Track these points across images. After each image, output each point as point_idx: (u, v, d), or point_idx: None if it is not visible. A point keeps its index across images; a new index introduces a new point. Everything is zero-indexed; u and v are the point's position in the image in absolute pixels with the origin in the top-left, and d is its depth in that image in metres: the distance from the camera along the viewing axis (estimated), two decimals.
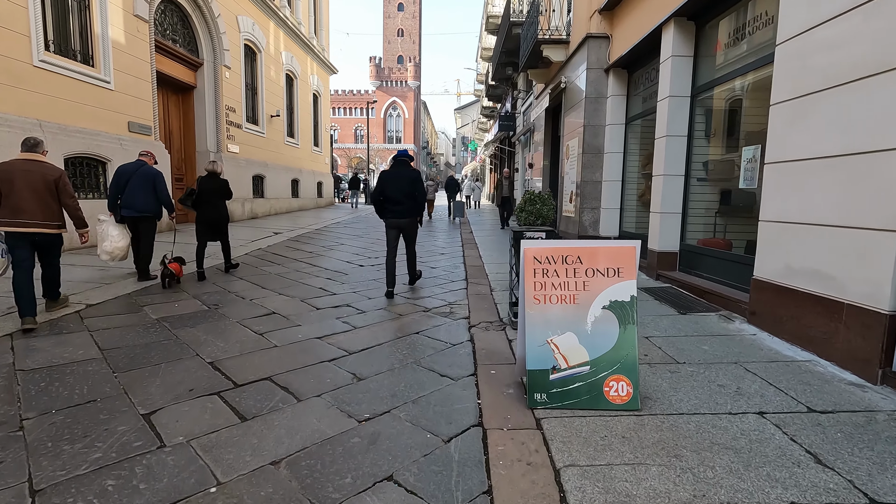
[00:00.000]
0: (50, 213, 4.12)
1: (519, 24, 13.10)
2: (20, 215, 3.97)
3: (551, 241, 2.78)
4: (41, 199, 4.05)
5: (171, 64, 10.91)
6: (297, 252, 8.58)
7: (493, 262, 7.47)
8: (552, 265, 2.69)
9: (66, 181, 4.24)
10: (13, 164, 4.05)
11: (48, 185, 4.10)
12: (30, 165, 4.08)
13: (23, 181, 3.99)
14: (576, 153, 8.75)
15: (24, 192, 3.97)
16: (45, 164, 4.21)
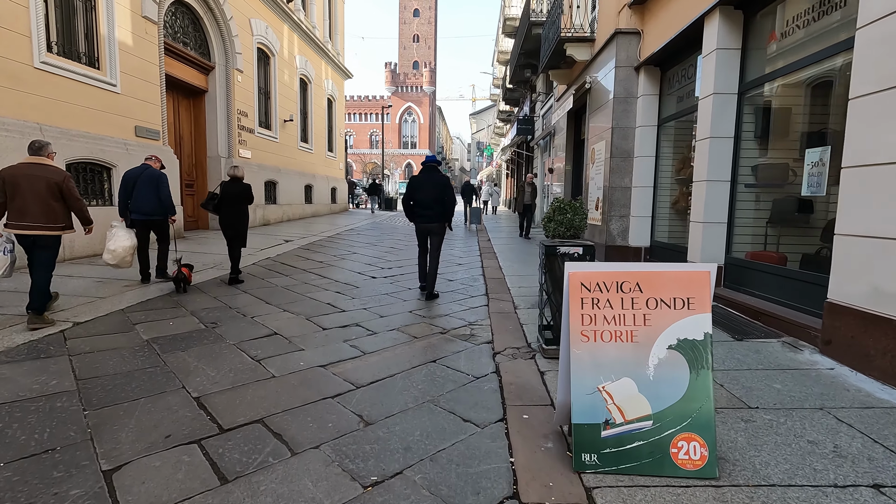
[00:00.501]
0: (53, 216, 4.20)
1: (539, 23, 12.61)
2: (24, 217, 4.09)
3: (603, 265, 2.26)
4: (44, 203, 4.13)
5: (181, 67, 10.64)
6: (307, 262, 8.15)
7: (515, 275, 6.94)
8: (604, 293, 2.16)
9: (70, 184, 4.28)
10: (18, 168, 4.14)
11: (51, 188, 4.16)
12: (34, 169, 4.15)
13: (27, 184, 4.08)
14: (602, 157, 8.19)
15: (27, 195, 4.07)
16: (50, 167, 4.26)
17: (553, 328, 3.66)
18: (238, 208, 6.33)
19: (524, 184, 12.09)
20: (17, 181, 4.08)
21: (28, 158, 4.23)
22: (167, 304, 5.18)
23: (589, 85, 9.00)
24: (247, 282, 6.44)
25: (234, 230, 6.33)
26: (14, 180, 4.07)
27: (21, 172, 4.12)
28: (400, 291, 6.04)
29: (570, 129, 11.20)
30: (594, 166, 8.75)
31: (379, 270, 7.49)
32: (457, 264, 8.20)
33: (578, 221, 4.49)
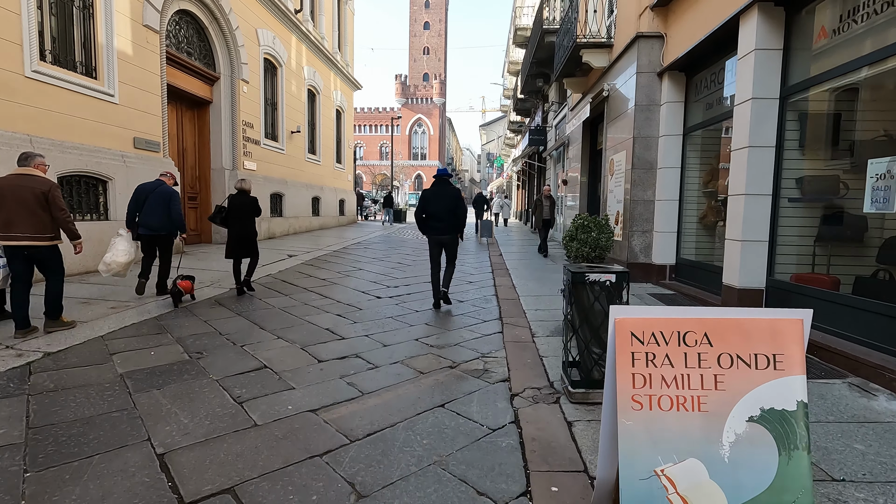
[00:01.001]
0: (40, 227, 4.16)
1: (552, 31, 12.22)
2: (11, 229, 4.07)
3: (660, 310, 1.77)
4: (31, 213, 4.10)
5: (185, 78, 10.39)
6: (309, 279, 7.72)
7: (530, 295, 6.44)
8: (662, 347, 1.67)
9: (55, 194, 4.21)
10: (6, 180, 4.14)
11: (38, 198, 4.12)
12: (20, 180, 4.14)
13: (12, 196, 4.07)
14: (623, 168, 7.70)
15: (13, 206, 4.06)
16: (37, 177, 4.22)
17: (580, 366, 3.15)
18: (246, 221, 6.35)
19: (541, 197, 11.19)
20: (3, 192, 4.06)
21: (16, 170, 4.23)
22: (152, 330, 4.75)
23: (607, 93, 8.54)
24: (243, 302, 6.02)
25: (243, 244, 6.34)
26: (1, 192, 4.06)
27: (8, 184, 4.10)
28: (406, 314, 5.56)
29: (585, 138, 10.73)
30: (613, 178, 8.26)
31: (384, 289, 7.02)
32: (467, 282, 7.72)
33: (605, 241, 4.03)
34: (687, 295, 6.24)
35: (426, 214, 5.78)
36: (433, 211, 5.73)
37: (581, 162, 10.85)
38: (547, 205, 10.95)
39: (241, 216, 6.31)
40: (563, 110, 13.48)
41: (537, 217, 11.18)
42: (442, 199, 5.72)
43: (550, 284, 7.20)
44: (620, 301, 2.96)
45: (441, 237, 5.78)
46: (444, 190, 5.78)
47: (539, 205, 11.04)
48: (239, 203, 6.33)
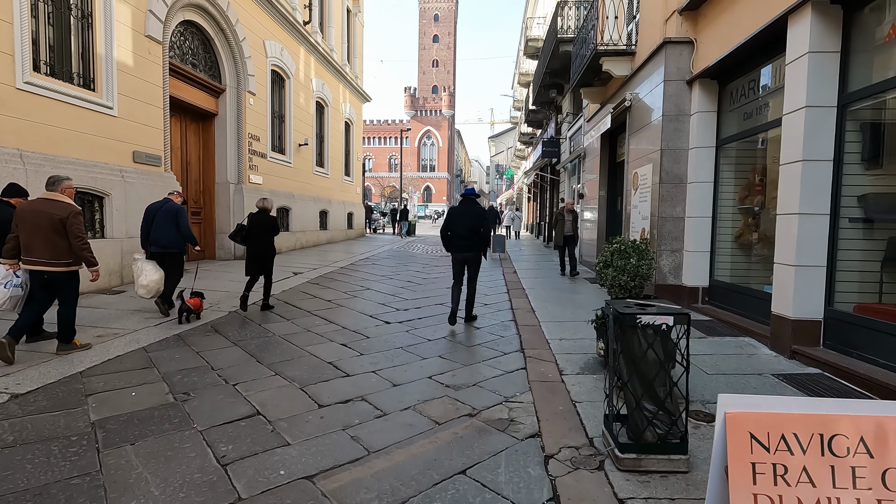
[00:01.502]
0: (57, 252, 4.17)
1: (568, 40, 11.82)
2: (30, 253, 4.15)
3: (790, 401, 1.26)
4: (47, 238, 4.12)
5: (189, 90, 10.09)
6: (314, 301, 7.26)
7: (552, 321, 5.91)
8: (798, 457, 1.17)
9: (72, 221, 4.19)
10: (30, 204, 4.23)
11: (55, 224, 4.13)
12: (42, 205, 4.17)
13: (31, 221, 4.12)
14: (649, 183, 7.19)
15: (31, 231, 4.12)
16: (58, 203, 4.21)
17: (629, 424, 2.63)
18: (264, 240, 6.46)
19: (562, 210, 10.09)
20: (24, 217, 4.14)
21: (42, 194, 4.29)
22: (138, 364, 4.30)
23: (629, 103, 8.07)
24: (241, 329, 5.56)
25: (260, 262, 6.45)
26: (22, 216, 4.15)
27: (30, 208, 4.17)
28: (418, 344, 5.07)
29: (604, 150, 10.25)
30: (637, 193, 7.75)
31: (393, 313, 6.54)
32: (482, 304, 7.21)
33: (646, 269, 3.53)
34: (725, 322, 5.69)
35: (451, 232, 5.89)
36: (458, 229, 5.84)
37: (599, 175, 10.36)
38: (569, 219, 9.95)
39: (260, 234, 6.42)
40: (579, 121, 13.03)
41: (557, 233, 9.99)
42: (467, 218, 5.83)
43: (572, 308, 6.68)
44: (679, 349, 2.45)
45: (465, 254, 5.86)
46: (469, 209, 5.90)
47: (560, 219, 9.95)
48: (258, 221, 6.45)
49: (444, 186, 75.75)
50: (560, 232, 9.94)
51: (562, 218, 9.96)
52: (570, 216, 10.04)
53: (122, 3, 7.67)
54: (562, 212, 10.11)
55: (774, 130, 5.18)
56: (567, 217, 9.96)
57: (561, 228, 9.92)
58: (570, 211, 10.13)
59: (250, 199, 11.56)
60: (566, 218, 9.95)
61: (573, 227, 10.05)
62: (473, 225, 5.79)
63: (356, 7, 20.51)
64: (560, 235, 9.96)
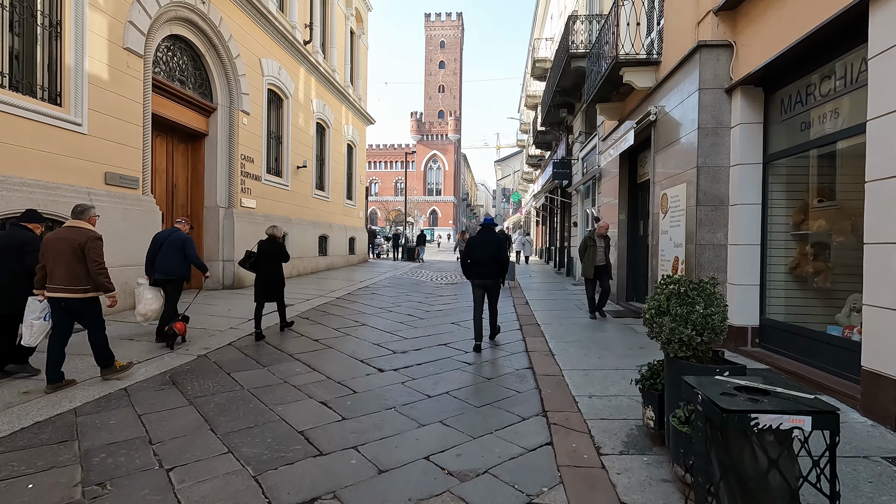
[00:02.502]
0: (75, 279, 4.16)
1: (580, 55, 11.13)
2: (52, 280, 4.15)
3: None
4: (67, 264, 4.13)
5: (176, 108, 9.43)
6: (299, 341, 6.35)
7: (576, 369, 4.95)
8: None
9: (91, 245, 4.19)
10: (54, 233, 4.28)
11: (74, 250, 4.15)
12: (63, 233, 4.23)
13: (53, 248, 4.16)
14: (682, 205, 6.30)
15: (55, 258, 4.13)
16: (80, 229, 4.26)
17: None
18: (273, 266, 6.58)
19: (591, 234, 8.16)
20: (48, 245, 4.18)
21: (68, 222, 4.36)
22: (57, 435, 3.39)
23: (654, 117, 7.25)
24: (204, 380, 4.64)
25: (269, 289, 6.54)
26: (47, 244, 4.19)
27: (54, 237, 4.22)
28: (415, 403, 4.12)
29: (623, 170, 9.40)
30: (667, 216, 6.85)
31: (389, 357, 5.60)
32: (491, 345, 6.26)
33: (718, 319, 2.59)
34: (787, 372, 4.70)
35: (471, 260, 6.14)
36: (478, 257, 6.09)
37: (618, 197, 9.48)
38: (601, 246, 8.00)
39: (269, 261, 6.53)
40: (593, 141, 12.25)
41: (587, 263, 7.99)
42: (487, 247, 6.10)
43: (598, 350, 5.72)
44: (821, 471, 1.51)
45: (485, 281, 6.12)
46: (488, 238, 6.17)
47: (589, 246, 8.03)
48: (268, 248, 6.56)
49: (450, 210, 75.30)
50: (590, 262, 7.94)
51: (592, 244, 8.01)
52: (603, 242, 8.10)
53: (97, 13, 7.04)
54: (592, 236, 8.12)
55: (847, 141, 4.31)
56: (598, 243, 8.03)
57: (591, 257, 7.93)
58: (603, 236, 8.13)
59: (242, 224, 10.80)
60: (597, 244, 8.00)
61: (606, 255, 8.07)
62: (493, 253, 6.05)
63: (360, 29, 20.17)
64: (590, 266, 7.93)
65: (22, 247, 4.38)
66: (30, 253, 4.36)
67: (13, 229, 4.56)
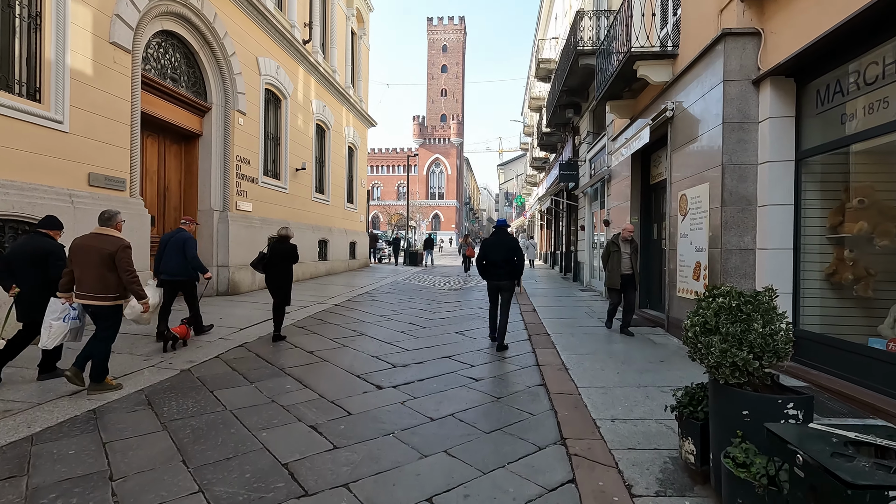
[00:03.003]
0: (104, 286, 4.17)
1: (589, 52, 10.72)
2: (81, 287, 4.18)
3: None
4: (97, 272, 4.13)
5: (169, 107, 9.05)
6: (292, 353, 5.91)
7: (595, 386, 4.50)
8: None
9: (121, 255, 4.18)
10: (82, 239, 4.22)
11: (103, 259, 4.14)
12: (91, 240, 4.19)
13: (82, 255, 4.14)
14: (705, 207, 5.85)
15: (82, 265, 4.14)
16: (109, 237, 4.24)
17: None
18: (283, 267, 6.50)
19: (615, 239, 7.00)
20: (76, 251, 4.17)
21: (95, 229, 4.32)
22: (8, 469, 2.95)
23: (671, 113, 6.82)
24: (183, 399, 4.21)
25: (278, 289, 6.49)
26: (75, 250, 4.18)
27: (82, 243, 4.20)
28: (417, 427, 3.67)
29: (635, 171, 8.96)
30: (686, 219, 6.40)
31: (388, 371, 5.16)
32: (499, 358, 5.81)
33: (782, 341, 2.15)
34: (828, 390, 4.25)
35: (486, 261, 6.27)
36: (492, 258, 6.21)
37: (630, 199, 9.03)
38: (626, 252, 6.86)
39: (279, 262, 6.48)
40: (601, 141, 11.81)
41: (611, 273, 6.89)
42: (500, 248, 6.22)
43: (615, 364, 5.25)
44: None
45: (499, 282, 6.22)
46: (502, 239, 6.30)
47: (613, 252, 6.92)
48: (279, 250, 6.52)
49: (452, 214, 74.92)
50: (615, 270, 6.84)
51: (616, 250, 6.90)
52: (628, 247, 6.89)
53: (80, 5, 6.66)
54: (615, 241, 6.97)
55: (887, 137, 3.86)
56: (623, 249, 6.87)
57: (616, 265, 6.85)
58: (628, 240, 6.89)
59: (237, 228, 10.40)
60: (622, 250, 6.87)
61: (633, 262, 6.86)
62: (507, 255, 6.16)
63: (361, 30, 19.84)
64: (615, 275, 6.83)
65: (46, 257, 4.33)
66: (54, 263, 4.33)
67: (34, 237, 4.46)
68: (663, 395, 4.22)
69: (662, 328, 7.24)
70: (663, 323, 7.25)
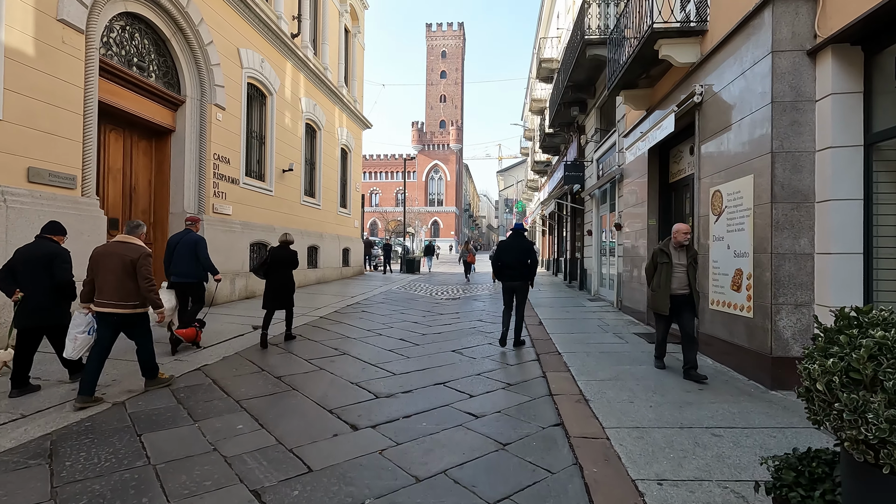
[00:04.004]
0: (125, 294, 4.15)
1: (598, 42, 9.87)
2: (101, 295, 4.12)
3: None
4: (118, 280, 4.12)
5: (135, 98, 8.16)
6: (253, 380, 4.96)
7: (627, 426, 3.56)
8: None
9: (143, 262, 4.16)
10: (104, 247, 4.27)
11: (125, 266, 4.12)
12: (114, 248, 4.19)
13: (104, 263, 4.13)
14: (745, 204, 4.94)
15: (104, 273, 4.12)
16: (131, 245, 4.22)
17: None
18: (284, 273, 6.54)
19: (664, 247, 5.14)
20: (98, 259, 4.15)
21: (118, 237, 4.32)
22: None
23: (699, 98, 5.93)
24: (102, 443, 3.27)
25: (279, 296, 6.47)
26: (97, 258, 4.16)
27: (104, 251, 4.20)
28: (396, 492, 2.72)
29: (652, 168, 8.06)
30: (721, 218, 5.48)
31: (368, 405, 4.21)
32: (502, 383, 4.87)
33: None
34: None
35: (501, 263, 6.43)
36: (507, 260, 6.37)
37: (647, 200, 8.11)
38: (682, 264, 4.98)
39: (281, 268, 6.50)
40: (611, 138, 10.93)
41: (658, 294, 5.06)
42: (515, 251, 6.39)
43: (644, 392, 4.31)
44: None
45: (513, 283, 6.37)
46: (517, 242, 6.48)
47: (663, 263, 5.06)
48: (280, 256, 6.53)
49: (452, 221, 74.06)
50: (664, 288, 4.98)
51: (666, 260, 5.02)
52: (684, 257, 5.01)
53: None
54: (665, 248, 5.11)
55: None
56: (677, 258, 5.00)
57: (665, 281, 4.98)
58: (684, 246, 5.02)
59: (214, 233, 9.47)
60: (674, 260, 4.99)
61: (689, 277, 4.98)
62: (521, 257, 6.33)
63: (355, 28, 19.04)
64: (664, 295, 4.98)
65: (51, 260, 4.25)
66: (59, 266, 4.26)
67: (39, 241, 4.37)
68: (717, 441, 3.29)
69: None
70: None
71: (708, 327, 5.75)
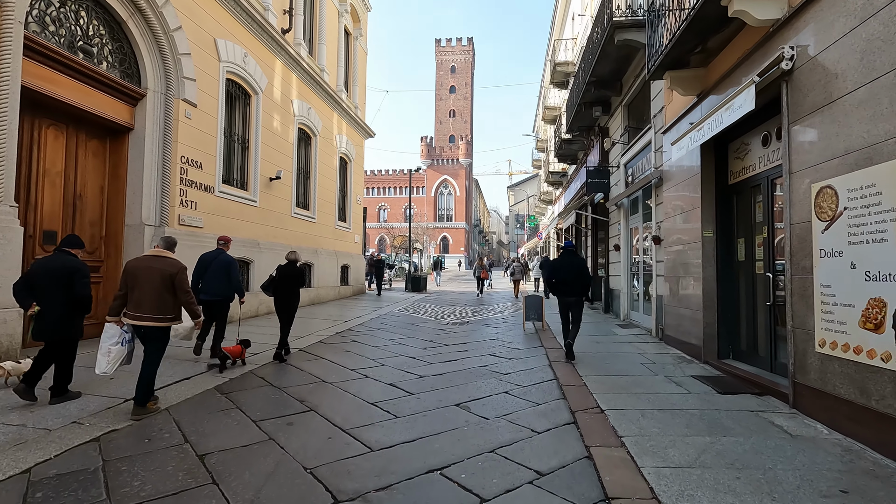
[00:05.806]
0: (163, 308, 4.20)
1: (629, 24, 8.42)
2: (139, 309, 4.14)
3: None
4: (158, 295, 4.17)
5: (80, 89, 6.86)
6: (164, 460, 3.43)
7: None
8: None
9: (182, 277, 4.27)
10: (140, 261, 4.31)
11: (165, 280, 4.19)
12: (153, 262, 4.26)
13: (144, 277, 4.17)
14: (886, 203, 3.36)
15: (144, 286, 4.14)
16: (168, 259, 4.33)
17: None
18: (290, 290, 6.63)
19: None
20: (137, 273, 4.18)
21: (153, 251, 4.42)
22: None
23: (788, 64, 4.39)
24: None
25: (283, 311, 6.57)
26: (134, 272, 4.18)
27: (141, 265, 4.23)
28: None
29: (707, 167, 6.48)
30: (834, 226, 3.90)
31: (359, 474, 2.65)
32: (527, 471, 3.28)
33: None
34: None
35: (556, 280, 6.89)
36: (562, 277, 6.81)
37: (701, 205, 6.52)
38: None
39: (286, 285, 6.59)
40: (644, 137, 9.39)
41: None
42: (570, 269, 6.78)
43: (748, 486, 2.69)
44: None
45: (568, 299, 6.77)
46: (571, 260, 6.88)
47: None
48: (287, 273, 6.61)
49: (461, 237, 72.62)
50: None
51: None
52: None
53: None
54: None
55: None
56: None
57: None
58: None
59: (181, 248, 8.00)
60: None
61: None
62: (576, 275, 6.71)
63: (357, 30, 17.89)
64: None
65: (72, 274, 4.22)
66: (79, 280, 4.23)
67: (59, 255, 4.34)
68: None
69: (777, 398, 4.67)
70: (780, 390, 4.68)
71: (816, 380, 4.12)
